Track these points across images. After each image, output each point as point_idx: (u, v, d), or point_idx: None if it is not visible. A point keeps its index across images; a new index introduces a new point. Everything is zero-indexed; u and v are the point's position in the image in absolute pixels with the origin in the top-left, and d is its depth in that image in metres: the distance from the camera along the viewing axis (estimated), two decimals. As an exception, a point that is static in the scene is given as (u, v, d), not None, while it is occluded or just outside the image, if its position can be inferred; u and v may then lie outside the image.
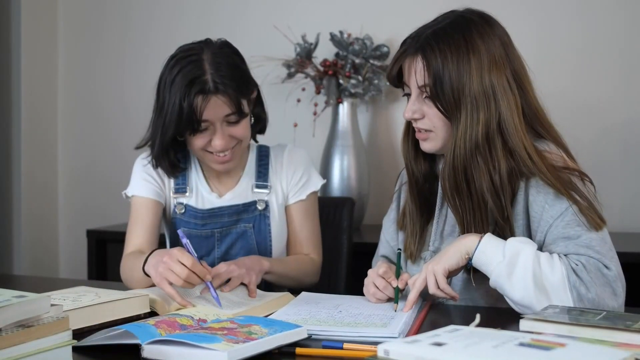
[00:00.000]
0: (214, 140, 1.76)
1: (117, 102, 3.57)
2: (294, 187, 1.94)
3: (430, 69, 1.49)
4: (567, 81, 2.86)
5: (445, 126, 1.53)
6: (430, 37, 1.50)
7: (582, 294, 1.39)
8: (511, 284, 1.41)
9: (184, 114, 1.71)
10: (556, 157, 1.51)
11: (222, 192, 1.93)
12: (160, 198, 1.91)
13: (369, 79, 2.94)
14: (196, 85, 1.70)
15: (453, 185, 1.52)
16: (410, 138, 1.64)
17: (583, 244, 1.44)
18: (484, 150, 1.48)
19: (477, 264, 1.47)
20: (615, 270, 1.44)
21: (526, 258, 1.41)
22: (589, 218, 1.46)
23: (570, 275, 1.40)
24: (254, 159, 1.96)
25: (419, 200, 1.65)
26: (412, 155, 1.64)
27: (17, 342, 1.06)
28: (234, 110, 1.75)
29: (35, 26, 3.55)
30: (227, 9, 3.36)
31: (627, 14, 2.83)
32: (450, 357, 1.00)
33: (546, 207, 1.48)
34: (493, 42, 1.51)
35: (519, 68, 1.54)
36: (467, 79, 1.47)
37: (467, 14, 1.54)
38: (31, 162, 3.55)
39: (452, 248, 1.48)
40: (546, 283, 1.40)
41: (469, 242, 1.47)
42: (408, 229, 1.67)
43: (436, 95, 1.50)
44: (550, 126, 1.57)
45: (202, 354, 1.16)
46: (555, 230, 1.47)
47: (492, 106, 1.48)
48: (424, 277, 1.49)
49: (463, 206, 1.53)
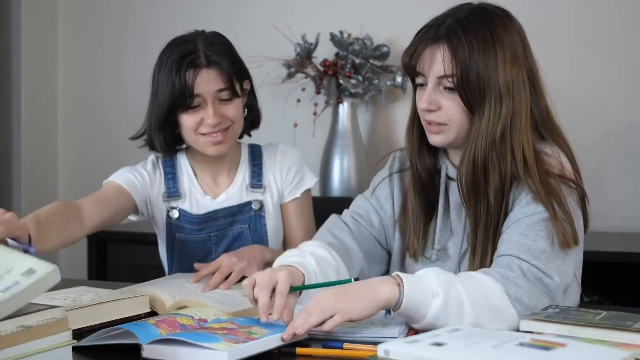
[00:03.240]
0: (206, 117, 1.77)
1: (117, 102, 3.57)
2: (288, 185, 1.93)
3: (457, 58, 1.43)
4: (567, 81, 2.85)
5: (463, 120, 1.48)
6: (455, 25, 1.45)
7: (525, 303, 1.33)
8: (456, 316, 1.29)
9: (176, 88, 1.75)
10: (554, 162, 1.48)
11: (215, 193, 1.91)
12: (136, 195, 1.85)
13: (369, 79, 2.94)
14: (188, 60, 1.75)
15: (471, 181, 1.48)
16: (416, 131, 1.57)
17: (534, 251, 1.38)
18: (499, 146, 1.45)
19: (404, 313, 1.30)
20: (558, 281, 1.37)
21: (459, 286, 1.31)
22: (560, 234, 1.40)
23: (508, 288, 1.33)
24: (247, 159, 1.95)
25: (423, 197, 1.60)
26: (417, 150, 1.58)
27: (17, 342, 1.06)
28: (226, 86, 1.77)
29: (35, 26, 3.55)
30: (227, 9, 3.36)
31: (627, 14, 2.83)
32: (450, 357, 1.00)
33: (522, 203, 1.45)
34: (514, 37, 1.48)
35: (534, 66, 1.52)
36: (493, 72, 1.43)
37: (487, 6, 1.51)
38: (31, 162, 3.54)
39: (368, 297, 1.28)
40: (492, 302, 1.32)
41: (386, 293, 1.28)
42: (411, 228, 1.61)
43: (461, 86, 1.44)
44: (556, 129, 1.54)
45: (202, 353, 1.16)
46: (517, 225, 1.43)
47: (511, 102, 1.45)
48: (330, 312, 1.26)
49: (478, 203, 1.48)
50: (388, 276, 1.33)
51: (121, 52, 3.56)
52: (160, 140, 1.85)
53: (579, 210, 1.50)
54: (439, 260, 1.58)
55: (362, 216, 1.66)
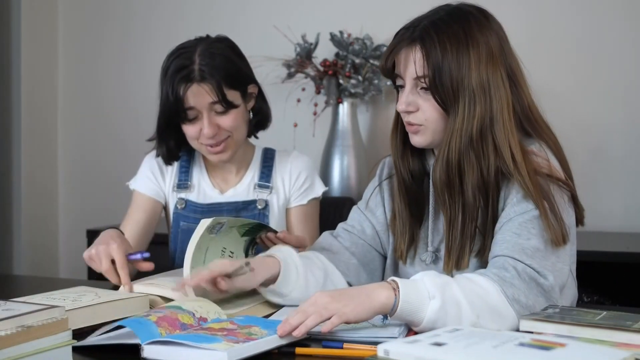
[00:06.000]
0: (203, 129, 1.80)
1: (117, 101, 3.57)
2: (296, 191, 1.95)
3: (430, 59, 1.45)
4: (567, 81, 2.86)
5: (439, 120, 1.48)
6: (428, 27, 1.46)
7: (523, 302, 1.34)
8: (455, 317, 1.30)
9: (171, 102, 1.79)
10: (542, 161, 1.47)
11: (224, 189, 1.95)
12: (159, 197, 1.97)
13: (369, 79, 2.94)
14: (182, 74, 1.77)
15: (445, 180, 1.48)
16: (399, 133, 1.59)
17: (527, 251, 1.39)
18: (477, 145, 1.45)
19: (402, 317, 1.30)
20: (552, 280, 1.38)
21: (454, 288, 1.32)
22: (550, 232, 1.41)
23: (505, 289, 1.34)
24: (259, 160, 1.98)
25: (408, 199, 1.59)
26: (400, 152, 1.59)
27: (17, 342, 1.06)
28: (218, 99, 1.78)
29: (35, 26, 3.55)
30: (227, 9, 3.37)
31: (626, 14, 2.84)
32: (450, 357, 1.00)
33: (514, 201, 1.45)
34: (490, 36, 1.48)
35: (514, 64, 1.52)
36: (466, 72, 1.44)
37: (464, 7, 1.52)
38: (31, 162, 3.54)
39: (364, 300, 1.29)
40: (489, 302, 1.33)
41: (382, 298, 1.29)
42: (398, 230, 1.61)
43: (434, 87, 1.46)
44: (541, 126, 1.53)
45: (202, 354, 1.16)
46: (510, 224, 1.43)
47: (487, 101, 1.45)
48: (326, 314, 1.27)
49: (453, 203, 1.49)
50: (384, 282, 1.34)
51: (121, 53, 3.56)
52: (163, 149, 1.92)
53: (570, 209, 1.50)
54: (433, 263, 1.57)
55: (354, 226, 1.69)
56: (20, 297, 1.46)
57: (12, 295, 1.52)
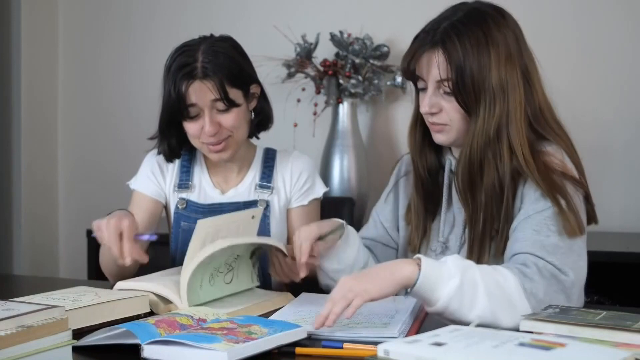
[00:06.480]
0: (204, 126, 1.80)
1: (118, 101, 3.57)
2: (297, 191, 1.95)
3: (452, 63, 1.47)
4: (566, 81, 2.86)
5: (462, 120, 1.51)
6: (449, 29, 1.48)
7: (540, 298, 1.36)
8: (470, 300, 1.33)
9: (172, 99, 1.78)
10: (556, 160, 1.50)
11: (225, 189, 1.95)
12: (160, 197, 1.97)
13: (369, 79, 2.94)
14: (185, 71, 1.77)
15: (467, 179, 1.51)
16: (419, 131, 1.62)
17: (548, 248, 1.41)
18: (494, 144, 1.48)
19: (420, 292, 1.34)
20: (573, 277, 1.40)
21: (475, 272, 1.35)
22: (567, 223, 1.43)
23: (524, 283, 1.36)
24: (260, 160, 1.98)
25: (424, 193, 1.64)
26: (419, 149, 1.63)
27: (17, 342, 1.06)
28: (220, 97, 1.78)
29: (35, 26, 3.55)
30: (227, 9, 3.37)
31: (627, 14, 2.84)
32: (450, 357, 1.00)
33: (532, 199, 1.47)
34: (508, 35, 1.50)
35: (530, 63, 1.53)
36: (487, 73, 1.47)
37: (481, 6, 1.53)
38: (31, 162, 3.55)
39: (388, 276, 1.33)
40: (506, 292, 1.35)
41: (406, 272, 1.32)
42: (413, 223, 1.67)
43: (457, 90, 1.48)
44: (552, 127, 1.55)
45: (202, 354, 1.16)
46: (529, 221, 1.45)
47: (505, 100, 1.48)
48: (351, 296, 1.30)
49: (474, 201, 1.52)
50: (409, 258, 1.38)
51: (121, 52, 3.56)
52: (164, 147, 1.92)
53: (583, 207, 1.52)
54: (442, 253, 1.61)
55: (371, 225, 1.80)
56: (20, 297, 1.46)
57: (12, 295, 1.52)
